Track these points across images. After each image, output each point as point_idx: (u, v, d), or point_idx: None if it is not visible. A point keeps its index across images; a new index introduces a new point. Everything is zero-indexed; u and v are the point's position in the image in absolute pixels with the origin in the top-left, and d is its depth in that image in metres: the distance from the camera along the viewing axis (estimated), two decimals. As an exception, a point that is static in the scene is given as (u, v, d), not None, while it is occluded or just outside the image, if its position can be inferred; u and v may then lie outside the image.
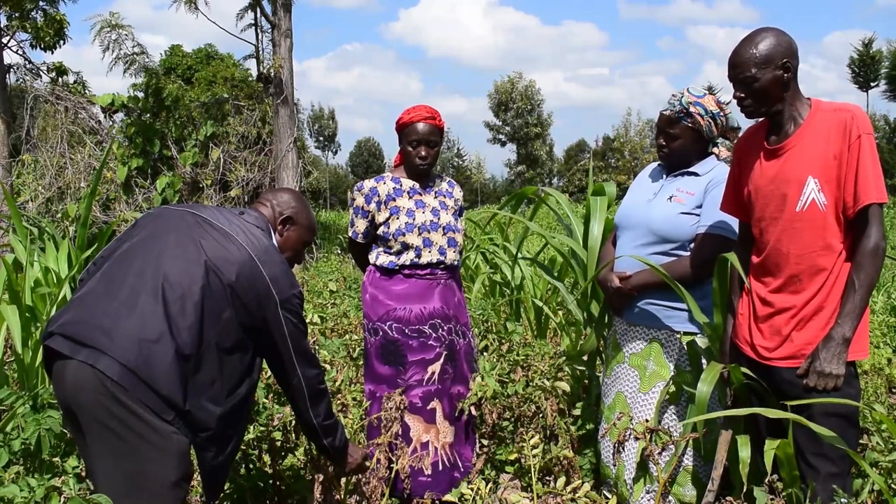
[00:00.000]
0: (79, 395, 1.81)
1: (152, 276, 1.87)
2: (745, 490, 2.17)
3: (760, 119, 2.27)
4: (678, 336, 2.58)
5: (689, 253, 2.53)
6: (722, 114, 2.56)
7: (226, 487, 2.69)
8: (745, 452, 2.21)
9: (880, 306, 6.23)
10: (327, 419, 2.24)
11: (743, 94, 2.14)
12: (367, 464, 2.50)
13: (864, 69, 42.44)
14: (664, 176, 2.68)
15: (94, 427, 1.81)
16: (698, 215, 2.52)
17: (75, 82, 12.12)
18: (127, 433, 1.78)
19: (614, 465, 2.68)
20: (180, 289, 1.86)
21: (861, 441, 2.79)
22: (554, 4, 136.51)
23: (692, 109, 2.51)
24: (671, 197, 2.57)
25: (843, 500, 2.00)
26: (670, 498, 2.58)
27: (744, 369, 2.24)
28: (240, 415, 2.03)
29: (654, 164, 2.79)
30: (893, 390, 4.21)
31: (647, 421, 2.40)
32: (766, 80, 2.09)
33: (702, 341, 2.54)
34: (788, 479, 2.13)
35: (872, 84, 42.69)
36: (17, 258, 3.80)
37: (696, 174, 2.58)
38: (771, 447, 2.08)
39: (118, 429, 1.78)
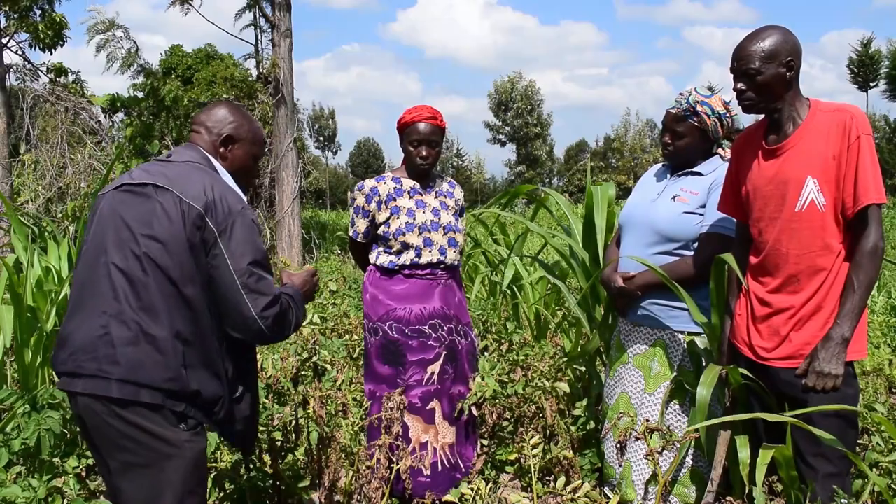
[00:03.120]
0: (90, 422, 1.82)
1: (106, 275, 1.81)
2: (745, 491, 2.17)
3: (759, 119, 2.27)
4: (683, 336, 2.58)
5: (692, 252, 2.53)
6: (728, 115, 2.56)
7: (226, 487, 2.70)
8: (744, 453, 2.21)
9: (880, 306, 6.24)
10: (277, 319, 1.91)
11: (744, 87, 2.13)
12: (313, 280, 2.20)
13: (864, 69, 42.44)
14: (668, 175, 2.69)
15: (110, 448, 1.81)
16: (702, 215, 2.52)
17: (74, 82, 12.12)
18: (140, 449, 1.78)
19: (619, 466, 2.68)
20: (134, 278, 1.79)
21: (861, 441, 2.80)
22: (552, 4, 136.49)
23: (699, 108, 2.52)
24: (675, 196, 2.57)
25: (843, 500, 2.00)
26: (675, 499, 2.58)
27: (742, 370, 2.24)
28: (246, 370, 1.96)
29: (659, 165, 2.80)
30: (894, 390, 4.22)
31: (647, 421, 2.40)
32: (768, 74, 2.09)
33: (701, 342, 2.54)
34: (787, 479, 2.13)
35: (872, 84, 42.69)
36: (17, 258, 3.80)
37: (700, 174, 2.58)
38: (764, 458, 2.08)
39: (131, 447, 1.78)
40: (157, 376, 1.76)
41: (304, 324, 4.65)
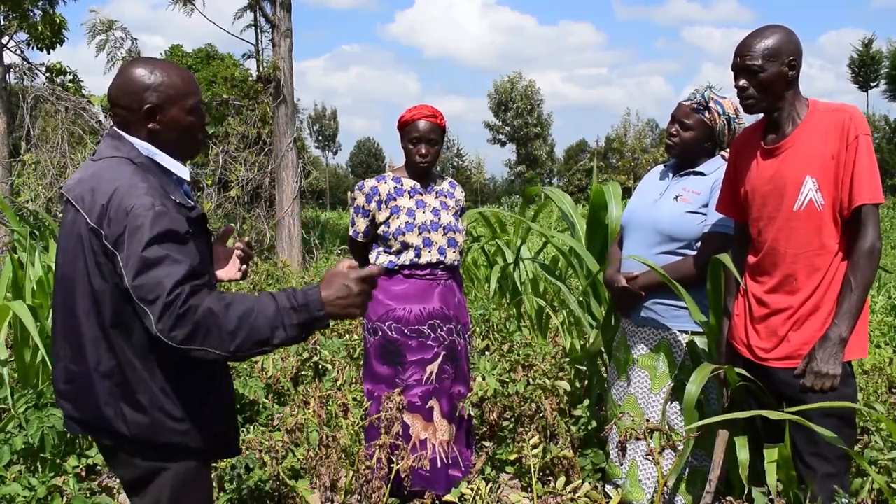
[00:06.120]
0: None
1: (59, 314, 1.71)
2: (745, 491, 2.17)
3: (759, 119, 2.27)
4: (687, 336, 2.59)
5: (695, 252, 2.54)
6: (737, 119, 2.59)
7: (226, 488, 2.70)
8: (742, 454, 2.21)
9: (880, 306, 6.23)
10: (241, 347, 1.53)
11: (746, 84, 2.13)
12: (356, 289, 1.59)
13: (864, 69, 42.46)
14: (670, 176, 2.69)
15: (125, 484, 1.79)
16: (704, 214, 2.53)
17: (71, 81, 12.11)
18: (143, 476, 1.71)
19: (623, 466, 2.68)
20: (61, 309, 1.68)
21: (861, 440, 2.80)
22: (550, 4, 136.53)
23: (712, 105, 2.56)
24: (677, 196, 2.58)
25: (843, 500, 2.00)
26: (680, 498, 2.58)
27: (740, 369, 2.24)
28: (189, 396, 1.65)
29: (661, 166, 2.81)
30: (894, 390, 4.22)
31: (647, 421, 2.40)
32: (771, 72, 2.09)
33: (701, 341, 2.54)
34: (785, 479, 2.13)
35: (872, 84, 42.70)
36: (18, 258, 3.80)
37: (702, 173, 2.59)
38: (771, 457, 2.08)
39: (137, 477, 1.71)
40: (85, 414, 1.67)
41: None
